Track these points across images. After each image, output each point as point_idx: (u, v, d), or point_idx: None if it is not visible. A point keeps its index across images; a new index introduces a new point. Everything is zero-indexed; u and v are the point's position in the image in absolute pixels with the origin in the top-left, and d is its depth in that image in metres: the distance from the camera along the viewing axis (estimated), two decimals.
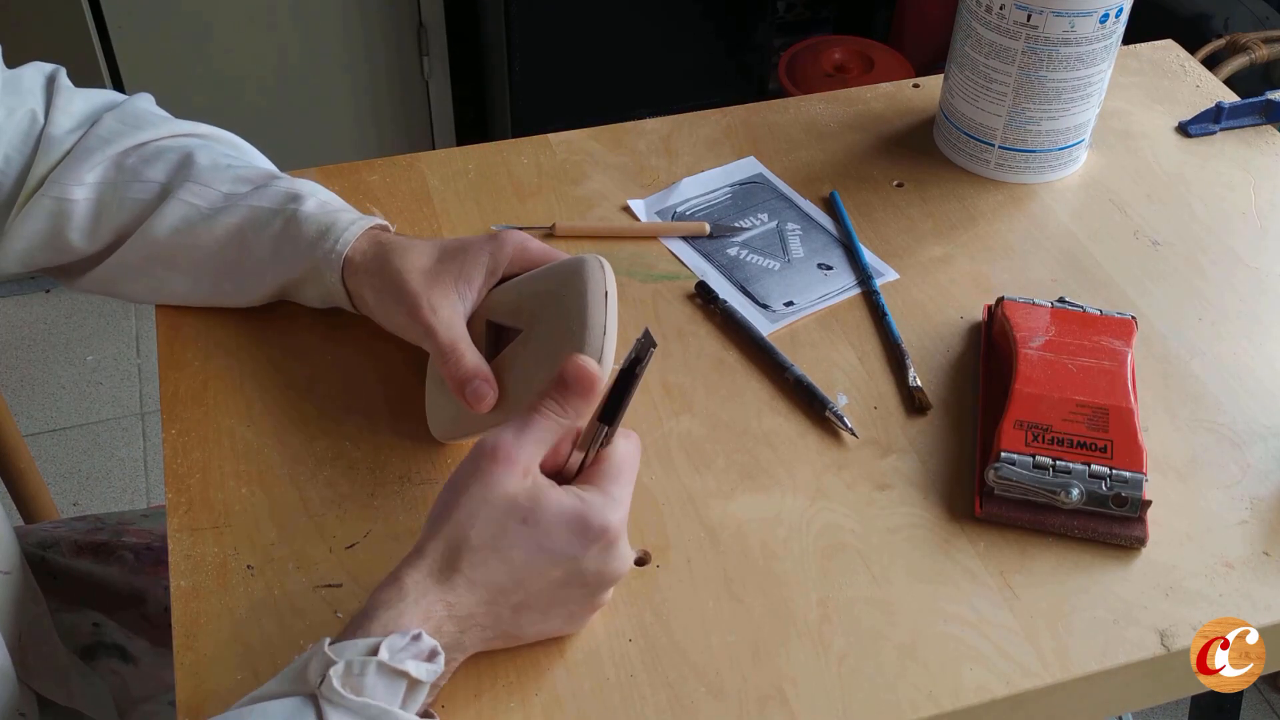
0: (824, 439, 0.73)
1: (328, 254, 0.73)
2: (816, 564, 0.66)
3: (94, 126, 0.77)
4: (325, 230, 0.74)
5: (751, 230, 0.89)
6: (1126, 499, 0.67)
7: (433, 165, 0.93)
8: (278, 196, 0.76)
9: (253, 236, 0.75)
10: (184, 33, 1.82)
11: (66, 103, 0.77)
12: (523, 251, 0.73)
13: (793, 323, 0.81)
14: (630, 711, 0.60)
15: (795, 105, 1.01)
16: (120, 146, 0.76)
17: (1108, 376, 0.72)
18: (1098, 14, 0.84)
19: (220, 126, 0.82)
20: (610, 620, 0.64)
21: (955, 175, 0.94)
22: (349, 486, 0.70)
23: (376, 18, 1.90)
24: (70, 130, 0.76)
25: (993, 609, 0.65)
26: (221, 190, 0.76)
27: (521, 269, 0.73)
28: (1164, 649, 0.63)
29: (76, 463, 1.87)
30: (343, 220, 0.75)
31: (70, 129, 0.76)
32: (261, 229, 0.75)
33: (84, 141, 0.76)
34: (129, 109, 0.79)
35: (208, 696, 0.60)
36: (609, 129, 0.97)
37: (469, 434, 0.70)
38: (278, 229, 0.75)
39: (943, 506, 0.70)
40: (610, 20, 1.90)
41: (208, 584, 0.65)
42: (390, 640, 0.53)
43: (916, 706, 0.60)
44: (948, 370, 0.78)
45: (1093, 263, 0.86)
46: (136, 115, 0.78)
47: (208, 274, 0.77)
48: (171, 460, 0.71)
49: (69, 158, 0.75)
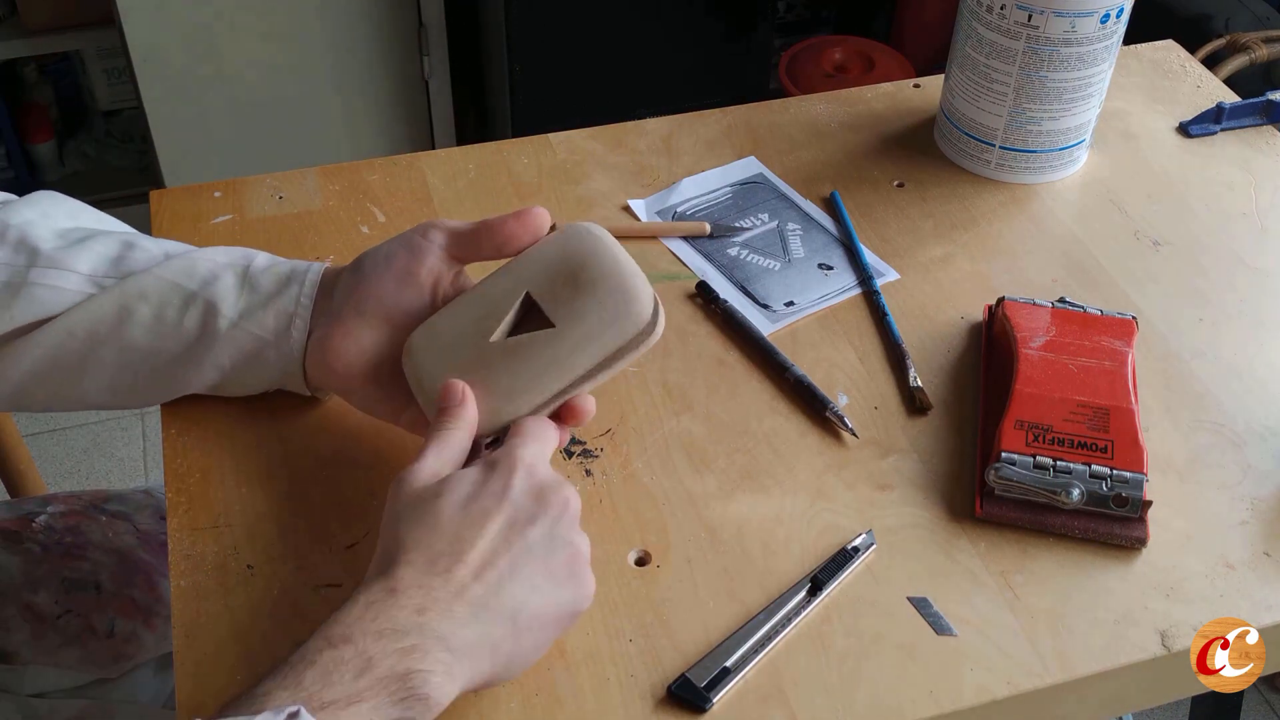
0: (824, 439, 0.73)
1: (294, 298, 0.68)
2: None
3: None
4: (289, 273, 0.69)
5: (752, 230, 0.89)
6: (1127, 499, 0.67)
7: (433, 165, 0.93)
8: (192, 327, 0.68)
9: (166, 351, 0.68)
10: (185, 32, 1.82)
11: None
12: (456, 236, 0.67)
13: (793, 323, 0.81)
14: (630, 711, 0.60)
15: (795, 105, 1.01)
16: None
17: (1108, 377, 0.72)
18: (1099, 14, 0.84)
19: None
20: (610, 620, 0.64)
21: (956, 175, 0.94)
22: (349, 486, 0.70)
23: (376, 18, 1.90)
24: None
25: (993, 609, 0.64)
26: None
27: (475, 248, 0.67)
28: (1164, 649, 0.63)
29: (76, 463, 1.87)
30: (300, 265, 0.69)
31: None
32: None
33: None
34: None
35: (208, 696, 0.60)
36: (609, 129, 0.97)
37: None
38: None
39: (943, 507, 0.70)
40: (610, 20, 1.90)
41: (208, 584, 0.65)
42: (263, 719, 0.48)
43: (916, 706, 0.60)
44: (948, 370, 0.78)
45: (1093, 263, 0.86)
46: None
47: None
48: (171, 460, 0.71)
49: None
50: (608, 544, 0.67)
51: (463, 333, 0.65)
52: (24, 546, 0.88)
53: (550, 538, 0.57)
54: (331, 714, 0.49)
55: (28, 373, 0.68)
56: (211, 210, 0.88)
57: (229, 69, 1.86)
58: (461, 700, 0.60)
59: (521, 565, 0.56)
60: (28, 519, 0.91)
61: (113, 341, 0.68)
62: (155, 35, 1.79)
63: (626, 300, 0.62)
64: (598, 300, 0.62)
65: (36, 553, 0.88)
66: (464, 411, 0.62)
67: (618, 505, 0.69)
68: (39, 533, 0.90)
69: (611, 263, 0.63)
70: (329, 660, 0.51)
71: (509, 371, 0.63)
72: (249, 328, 0.68)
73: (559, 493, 0.59)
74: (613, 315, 0.62)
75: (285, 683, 0.50)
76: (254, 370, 0.69)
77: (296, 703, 0.48)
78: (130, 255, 0.69)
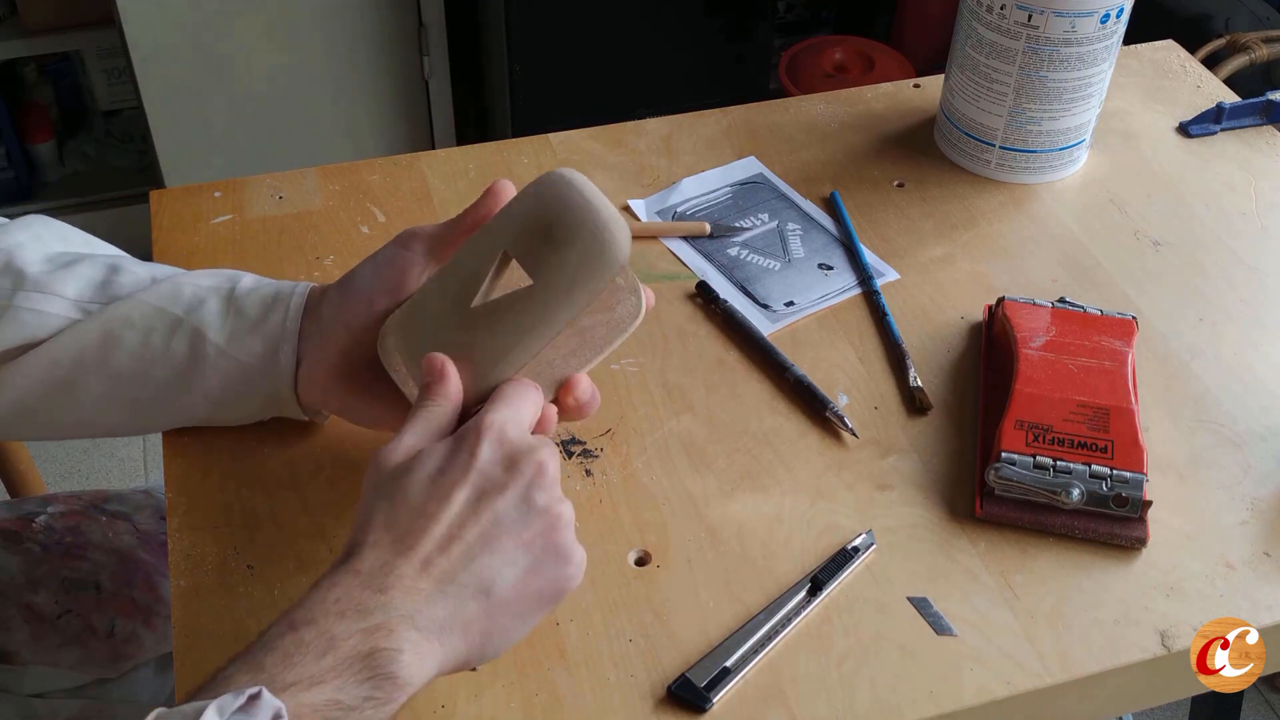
0: (824, 439, 0.73)
1: (280, 321, 0.67)
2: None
3: None
4: (273, 294, 0.68)
5: (752, 230, 0.89)
6: (1127, 499, 0.67)
7: (433, 165, 0.93)
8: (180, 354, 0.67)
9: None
10: (185, 32, 1.82)
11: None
12: (435, 240, 0.66)
13: (793, 323, 0.81)
14: (630, 711, 0.60)
15: (795, 105, 1.01)
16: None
17: (1108, 377, 0.72)
18: (1098, 14, 0.84)
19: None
20: (610, 620, 0.64)
21: (956, 175, 0.94)
22: (349, 486, 0.70)
23: (376, 17, 1.90)
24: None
25: (993, 609, 0.64)
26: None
27: (456, 245, 0.66)
28: (1164, 649, 0.63)
29: (76, 463, 1.87)
30: (285, 285, 0.68)
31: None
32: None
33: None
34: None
35: None
36: (609, 129, 0.97)
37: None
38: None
39: (943, 507, 0.70)
40: (610, 20, 1.90)
41: (208, 584, 0.65)
42: (221, 701, 0.47)
43: (916, 706, 0.60)
44: (948, 370, 0.78)
45: (1093, 263, 0.86)
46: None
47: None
48: (171, 460, 0.71)
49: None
50: (608, 544, 0.67)
51: (439, 307, 0.63)
52: (24, 546, 0.88)
53: (523, 506, 0.55)
54: (294, 695, 0.48)
55: (15, 401, 0.67)
56: (211, 210, 0.88)
57: (229, 69, 1.86)
58: (462, 700, 0.60)
59: (493, 537, 0.54)
60: (28, 519, 0.91)
61: (99, 369, 0.67)
62: (155, 35, 1.79)
63: (601, 244, 0.60)
64: (574, 250, 0.60)
65: (36, 553, 0.88)
66: (445, 386, 0.59)
67: (618, 505, 0.69)
68: (39, 533, 0.90)
69: (586, 208, 0.61)
70: (291, 643, 0.50)
71: (490, 333, 0.61)
72: (236, 354, 0.67)
73: (532, 457, 0.56)
74: (591, 261, 0.60)
75: (246, 665, 0.49)
76: (244, 397, 0.68)
77: (258, 684, 0.48)
78: (116, 280, 0.69)
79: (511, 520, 0.54)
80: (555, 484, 0.56)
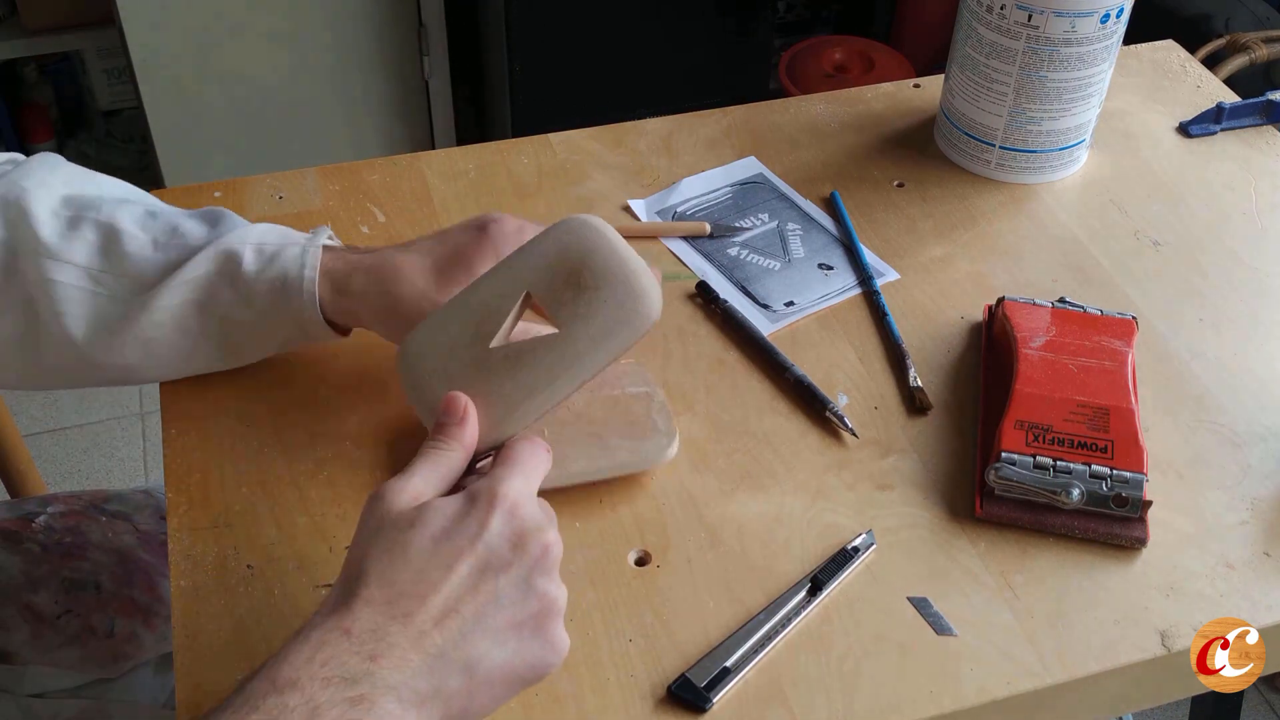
0: (824, 439, 0.73)
1: (298, 312, 0.70)
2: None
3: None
4: (281, 284, 0.70)
5: (752, 230, 0.89)
6: (1127, 499, 0.67)
7: (433, 165, 0.93)
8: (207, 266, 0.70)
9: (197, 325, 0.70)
10: (185, 32, 1.82)
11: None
12: (519, 236, 0.69)
13: (793, 323, 0.81)
14: (630, 711, 0.60)
15: (795, 105, 1.01)
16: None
17: (1108, 377, 0.72)
18: (1099, 14, 0.84)
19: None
20: (610, 620, 0.64)
21: (956, 175, 0.94)
22: (349, 486, 0.70)
23: (376, 17, 1.90)
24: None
25: (993, 609, 0.64)
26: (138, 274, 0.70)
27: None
28: (1164, 649, 0.63)
29: (76, 463, 1.87)
30: (291, 267, 0.70)
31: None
32: (205, 312, 0.70)
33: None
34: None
35: (207, 696, 0.60)
36: (609, 129, 0.97)
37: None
38: (227, 304, 0.70)
39: (943, 507, 0.70)
40: (610, 20, 1.90)
41: (208, 584, 0.65)
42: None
43: (916, 706, 0.60)
44: (948, 370, 0.78)
45: (1093, 263, 0.86)
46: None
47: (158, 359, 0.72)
48: (171, 460, 0.71)
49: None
50: (608, 544, 0.67)
51: (460, 338, 0.62)
52: (24, 546, 0.89)
53: (523, 587, 0.54)
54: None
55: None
56: None
57: (229, 69, 1.86)
58: None
59: (487, 615, 0.53)
60: (28, 519, 0.91)
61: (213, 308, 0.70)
62: (155, 35, 1.80)
63: (634, 298, 0.59)
64: (603, 300, 0.59)
65: (36, 553, 0.88)
66: (463, 432, 0.58)
67: (618, 505, 0.69)
68: (39, 533, 0.90)
69: (615, 259, 0.60)
70: (274, 707, 0.48)
71: (512, 379, 0.60)
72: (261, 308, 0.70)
73: (540, 538, 0.54)
74: (622, 315, 0.59)
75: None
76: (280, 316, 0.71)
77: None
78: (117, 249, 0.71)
79: (509, 600, 0.53)
80: (556, 567, 0.55)
